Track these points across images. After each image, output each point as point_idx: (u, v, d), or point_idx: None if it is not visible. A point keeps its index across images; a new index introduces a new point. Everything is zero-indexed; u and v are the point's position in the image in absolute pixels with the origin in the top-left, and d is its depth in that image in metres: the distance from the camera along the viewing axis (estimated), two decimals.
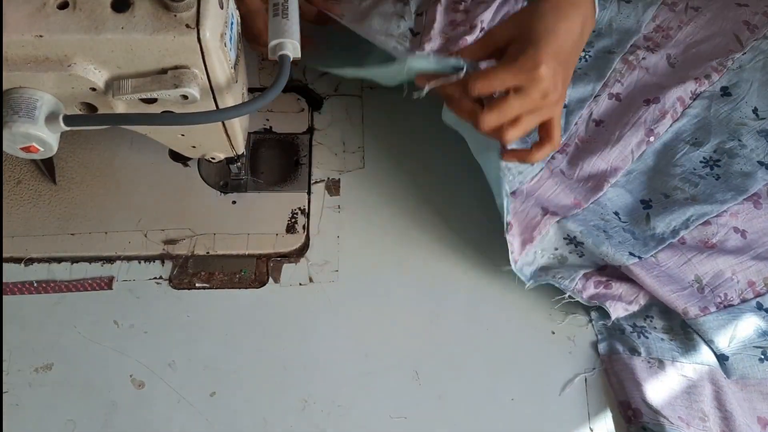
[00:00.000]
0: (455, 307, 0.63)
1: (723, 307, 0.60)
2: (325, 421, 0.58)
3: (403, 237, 0.66)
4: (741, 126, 0.68)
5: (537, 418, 0.58)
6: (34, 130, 0.43)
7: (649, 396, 0.56)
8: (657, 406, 0.56)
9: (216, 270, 0.63)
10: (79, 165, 0.66)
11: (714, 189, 0.65)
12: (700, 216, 0.63)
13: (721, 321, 0.59)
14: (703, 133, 0.68)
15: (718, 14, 0.74)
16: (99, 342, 0.59)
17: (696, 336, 0.59)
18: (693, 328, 0.60)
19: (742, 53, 0.71)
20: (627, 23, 0.74)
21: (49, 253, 0.62)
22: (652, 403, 0.56)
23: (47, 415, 0.57)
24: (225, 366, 0.59)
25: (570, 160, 0.68)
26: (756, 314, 0.60)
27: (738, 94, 0.69)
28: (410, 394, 0.59)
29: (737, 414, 0.56)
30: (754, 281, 0.61)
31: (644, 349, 0.59)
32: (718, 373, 0.58)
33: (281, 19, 0.48)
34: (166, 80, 0.44)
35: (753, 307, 0.60)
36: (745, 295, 0.61)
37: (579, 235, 0.62)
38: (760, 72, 0.71)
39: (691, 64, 0.72)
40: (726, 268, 0.61)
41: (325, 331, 0.61)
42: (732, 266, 0.61)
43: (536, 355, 0.61)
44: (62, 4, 0.42)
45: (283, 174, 0.69)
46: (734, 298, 0.60)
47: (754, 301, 0.60)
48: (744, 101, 0.69)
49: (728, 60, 0.70)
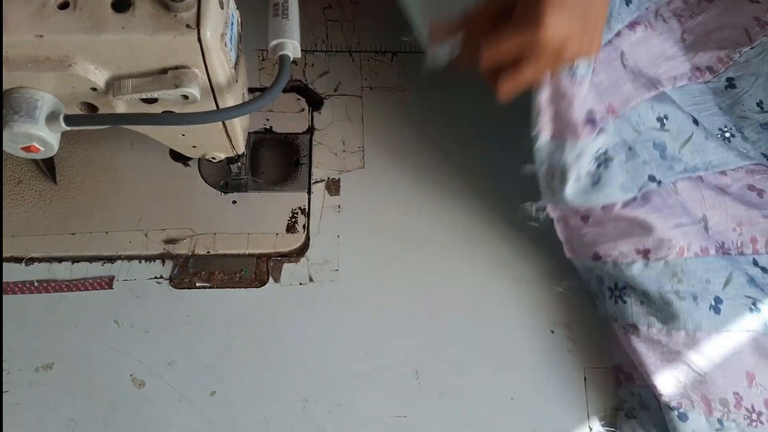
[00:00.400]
0: (455, 306, 0.63)
1: (722, 254, 0.59)
2: (325, 421, 0.58)
3: (403, 237, 0.66)
4: (743, 119, 0.68)
5: (537, 418, 0.59)
6: (34, 129, 0.43)
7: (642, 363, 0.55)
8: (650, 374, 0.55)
9: (216, 269, 0.63)
10: (80, 165, 0.66)
11: (730, 148, 0.64)
12: (721, 164, 0.62)
13: (719, 265, 0.57)
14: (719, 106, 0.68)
15: (729, 8, 0.73)
16: (99, 341, 0.60)
17: (675, 301, 0.56)
18: (679, 273, 0.56)
19: (750, 47, 0.70)
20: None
21: (49, 252, 0.63)
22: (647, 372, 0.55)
23: (48, 415, 0.57)
24: (225, 365, 0.59)
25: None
26: (751, 268, 0.59)
27: (742, 87, 0.69)
28: (410, 394, 0.59)
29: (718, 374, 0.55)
30: (758, 239, 0.60)
31: (619, 314, 0.58)
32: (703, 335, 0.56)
33: (281, 19, 0.48)
34: (166, 80, 0.44)
35: (749, 261, 0.59)
36: (743, 249, 0.60)
37: (611, 149, 0.56)
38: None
39: (701, 45, 0.70)
40: (734, 217, 0.60)
41: (325, 331, 0.61)
42: (740, 217, 0.60)
43: (536, 354, 0.61)
44: (63, 4, 0.42)
45: (284, 174, 0.69)
46: (731, 249, 0.59)
47: (751, 257, 0.59)
48: (748, 94, 0.69)
49: (735, 53, 0.70)
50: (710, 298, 0.56)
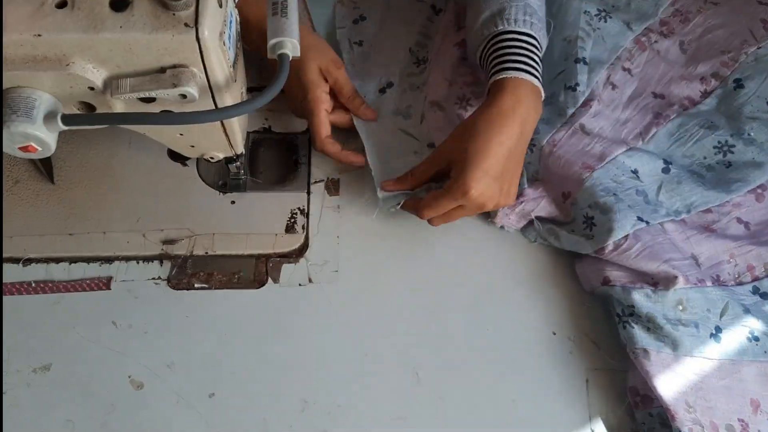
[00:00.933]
0: (455, 307, 0.63)
1: (718, 285, 0.60)
2: (325, 421, 0.57)
3: (403, 237, 0.65)
4: (752, 120, 0.67)
5: (537, 419, 0.58)
6: (32, 129, 0.43)
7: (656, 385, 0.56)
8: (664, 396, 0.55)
9: (215, 270, 0.63)
10: (78, 165, 0.66)
11: (721, 177, 0.65)
12: (703, 203, 0.63)
13: (716, 296, 0.59)
14: (717, 118, 0.68)
15: (736, 8, 0.73)
16: (97, 342, 0.59)
17: (680, 328, 0.58)
18: (684, 301, 0.58)
19: (757, 47, 0.70)
20: (644, 6, 0.73)
21: (47, 253, 0.62)
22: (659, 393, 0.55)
23: (46, 416, 0.56)
24: (224, 366, 0.59)
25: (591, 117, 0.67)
26: (749, 297, 0.60)
27: (751, 88, 0.69)
28: (410, 394, 0.59)
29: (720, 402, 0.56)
30: (754, 265, 0.61)
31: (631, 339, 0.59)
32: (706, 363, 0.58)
33: (280, 18, 0.48)
34: (164, 79, 0.44)
35: (748, 291, 0.60)
36: (742, 278, 0.61)
37: (601, 195, 0.61)
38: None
39: (704, 52, 0.71)
40: (724, 251, 0.61)
41: (325, 331, 0.61)
42: (731, 249, 0.61)
43: (537, 356, 0.61)
44: (61, 4, 0.42)
45: (283, 174, 0.68)
46: (729, 281, 0.60)
47: (750, 285, 0.60)
48: (756, 95, 0.68)
49: (741, 54, 0.70)
50: (711, 327, 0.58)
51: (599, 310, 0.63)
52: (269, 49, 0.48)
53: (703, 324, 0.58)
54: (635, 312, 0.58)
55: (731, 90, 0.69)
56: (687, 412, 0.55)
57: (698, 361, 0.57)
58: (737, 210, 0.64)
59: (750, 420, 0.55)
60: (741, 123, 0.67)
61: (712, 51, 0.71)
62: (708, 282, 0.59)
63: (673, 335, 0.57)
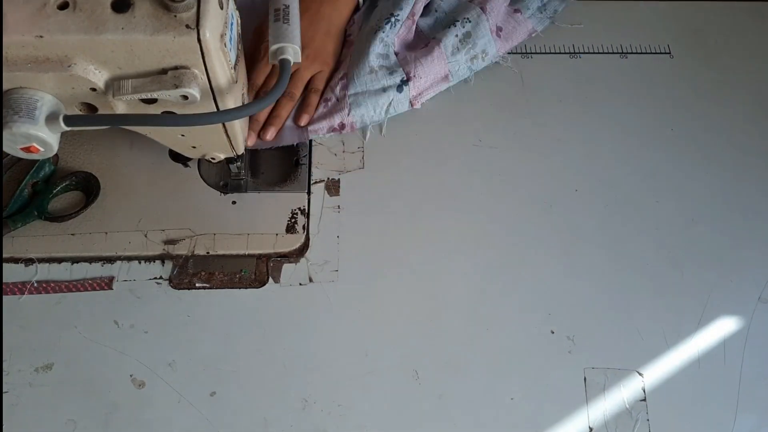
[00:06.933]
0: (455, 307, 0.63)
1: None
2: (325, 421, 0.58)
3: (403, 237, 0.66)
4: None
5: (536, 418, 0.59)
6: (34, 130, 0.43)
7: None
8: None
9: (216, 270, 0.63)
10: (79, 165, 0.66)
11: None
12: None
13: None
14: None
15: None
16: (99, 342, 0.59)
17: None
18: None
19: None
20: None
21: (49, 253, 0.63)
22: None
23: (47, 415, 0.57)
24: (225, 366, 0.59)
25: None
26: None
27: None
28: (410, 394, 0.59)
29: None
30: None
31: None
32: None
33: (282, 24, 0.48)
34: (166, 80, 0.44)
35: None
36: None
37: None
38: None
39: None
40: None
41: (325, 331, 0.61)
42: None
43: (536, 355, 0.61)
44: (62, 5, 0.42)
45: (283, 174, 0.69)
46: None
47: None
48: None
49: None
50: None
51: (598, 309, 0.63)
52: (271, 55, 0.48)
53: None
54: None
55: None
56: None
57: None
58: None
59: None
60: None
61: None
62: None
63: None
